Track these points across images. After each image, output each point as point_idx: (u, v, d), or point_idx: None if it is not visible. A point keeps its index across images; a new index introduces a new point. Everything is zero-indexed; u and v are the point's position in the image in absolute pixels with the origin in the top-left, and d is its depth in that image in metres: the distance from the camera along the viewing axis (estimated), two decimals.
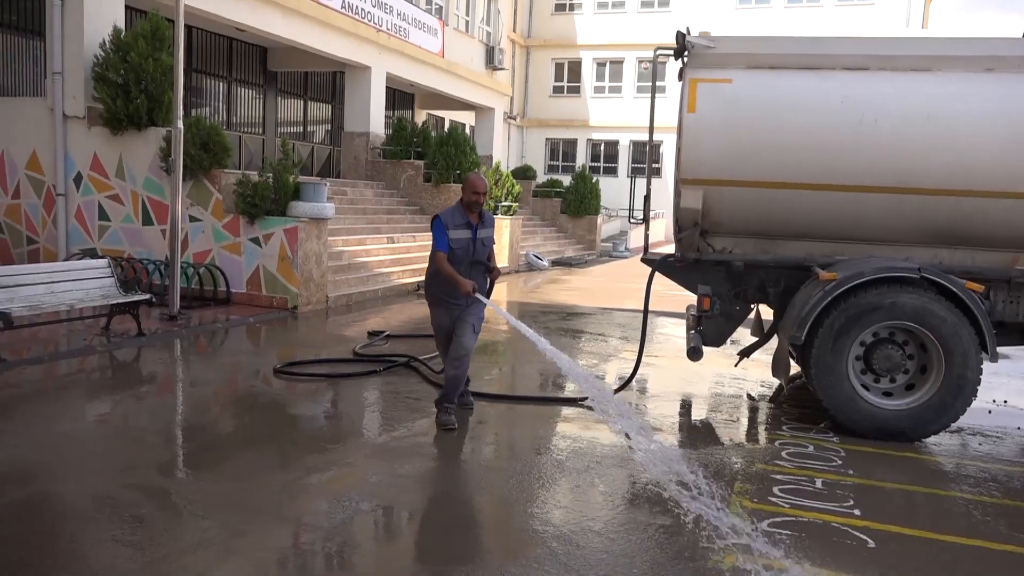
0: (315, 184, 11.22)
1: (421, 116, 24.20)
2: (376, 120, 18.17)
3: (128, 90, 10.79)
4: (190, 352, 8.42)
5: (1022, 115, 5.93)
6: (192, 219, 11.11)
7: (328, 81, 20.36)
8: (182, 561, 3.65)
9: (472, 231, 5.62)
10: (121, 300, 8.39)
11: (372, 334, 9.31)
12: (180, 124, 9.48)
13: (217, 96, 16.92)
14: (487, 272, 5.80)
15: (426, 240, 16.70)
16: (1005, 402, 7.18)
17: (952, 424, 5.90)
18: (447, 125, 24.78)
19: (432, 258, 5.66)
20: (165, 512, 4.18)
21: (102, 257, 9.48)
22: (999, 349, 5.96)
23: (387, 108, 19.62)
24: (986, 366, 5.86)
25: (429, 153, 17.82)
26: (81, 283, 8.24)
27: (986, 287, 5.98)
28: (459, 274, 5.53)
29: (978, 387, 5.80)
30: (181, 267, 9.92)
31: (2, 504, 4.26)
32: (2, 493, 4.41)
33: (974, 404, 5.92)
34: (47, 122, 11.45)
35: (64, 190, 11.55)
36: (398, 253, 14.75)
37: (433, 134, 18.72)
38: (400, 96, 22.70)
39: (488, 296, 5.91)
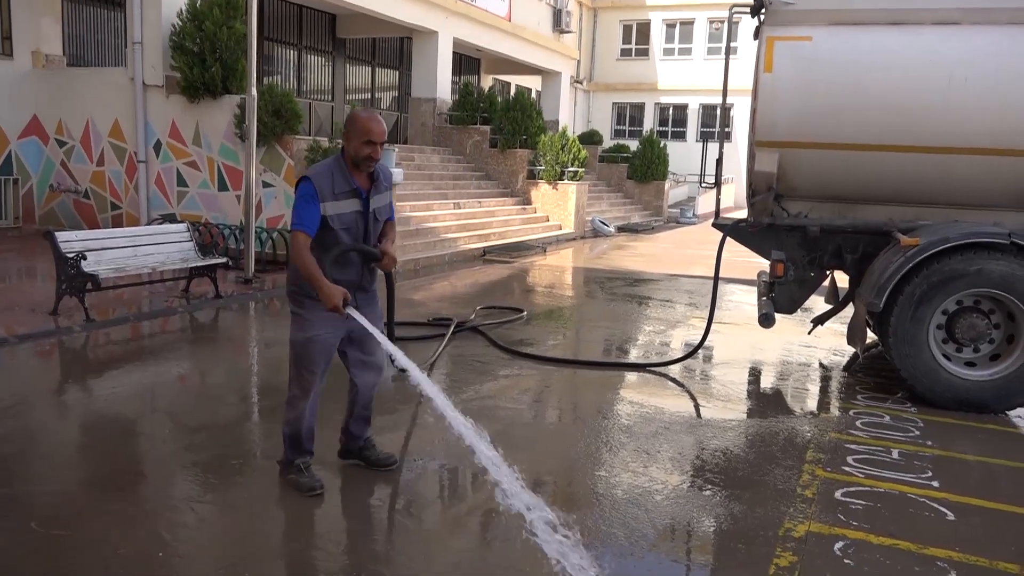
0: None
1: (487, 81, 24.10)
2: (443, 86, 18.17)
3: (204, 59, 11.04)
4: (264, 314, 8.66)
5: None
6: (265, 185, 11.37)
7: (395, 47, 20.43)
8: (259, 511, 3.80)
9: (363, 200, 3.74)
10: (199, 263, 8.67)
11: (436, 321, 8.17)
12: (254, 91, 9.65)
13: (288, 63, 17.18)
14: (374, 262, 3.83)
15: (494, 204, 16.88)
16: None
17: None
18: (513, 90, 24.61)
19: (291, 244, 3.68)
20: (244, 465, 4.33)
21: (181, 222, 9.80)
22: None
23: (454, 73, 19.58)
24: None
25: (495, 118, 17.76)
26: (162, 247, 8.54)
27: None
28: (340, 267, 3.69)
29: None
30: (255, 232, 10.18)
31: (96, 454, 4.50)
32: (96, 442, 4.66)
33: None
34: (128, 91, 11.83)
35: (145, 157, 11.95)
36: (464, 219, 14.82)
37: (499, 99, 18.63)
38: (466, 61, 22.63)
39: (392, 298, 4.19)
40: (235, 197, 11.47)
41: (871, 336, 6.57)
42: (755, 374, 6.90)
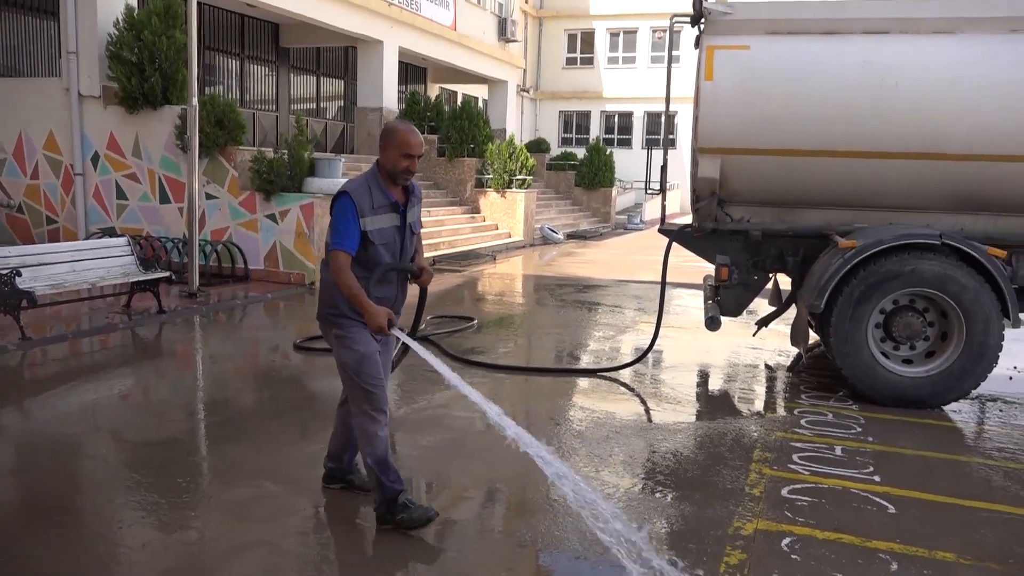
0: (330, 160, 11.23)
1: (434, 90, 24.07)
2: (389, 95, 18.09)
3: (143, 68, 10.80)
4: (210, 328, 8.50)
5: None
6: (209, 196, 11.16)
7: (340, 56, 20.27)
8: (210, 531, 3.72)
9: (400, 214, 3.65)
10: (141, 278, 8.47)
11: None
12: (195, 102, 9.49)
13: (230, 73, 16.90)
14: (413, 278, 3.82)
15: (442, 214, 16.84)
16: None
17: (972, 391, 5.87)
18: (460, 99, 24.64)
19: (327, 263, 3.57)
20: (189, 482, 4.24)
21: (121, 236, 9.55)
22: (1021, 315, 5.90)
23: (400, 83, 19.51)
24: (1008, 332, 5.81)
25: (443, 127, 17.76)
26: (102, 262, 8.32)
27: (1008, 253, 5.91)
28: (380, 284, 3.60)
29: (999, 354, 5.76)
30: (199, 245, 9.99)
31: (33, 476, 4.35)
32: (33, 464, 4.50)
33: (995, 371, 5.87)
34: (63, 102, 11.49)
35: (82, 169, 11.62)
36: None
37: (446, 108, 18.65)
38: (413, 70, 22.58)
39: (420, 316, 4.02)
40: (177, 210, 11.23)
41: (813, 336, 6.75)
42: (703, 376, 7.02)
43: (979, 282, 5.68)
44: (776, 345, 7.89)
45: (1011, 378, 6.79)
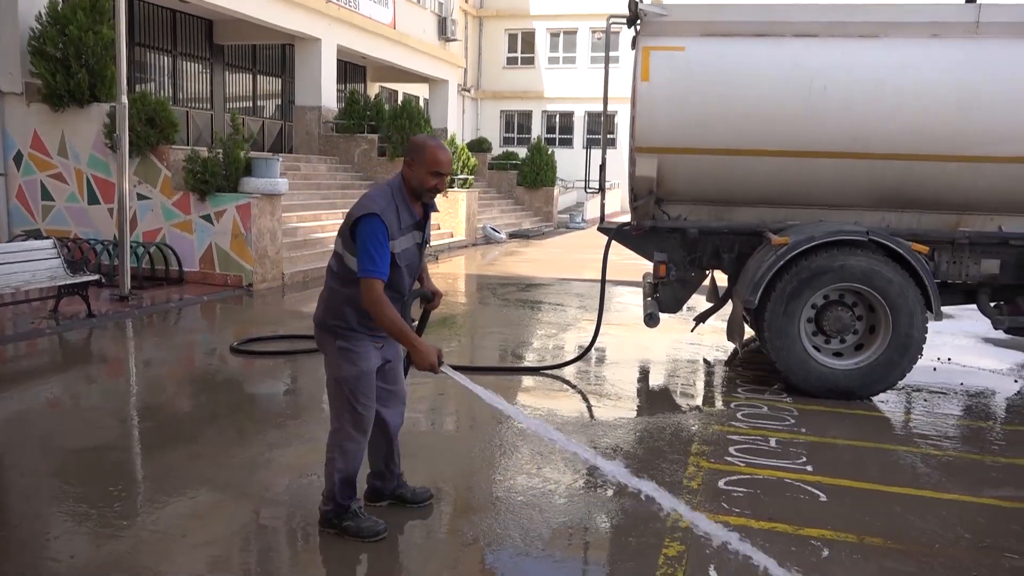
0: (267, 159, 11.02)
1: (374, 89, 23.86)
2: (328, 94, 17.86)
3: (68, 65, 10.43)
4: (143, 332, 8.26)
5: (968, 80, 6.07)
6: (140, 197, 10.84)
7: (277, 54, 19.93)
8: (144, 540, 3.62)
9: (422, 232, 3.55)
10: (69, 281, 8.18)
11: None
12: (124, 99, 9.21)
13: (162, 71, 16.45)
14: (424, 302, 3.69)
15: None
16: (949, 360, 7.43)
17: (899, 382, 6.09)
18: (400, 98, 24.47)
19: (342, 281, 3.43)
20: (123, 492, 4.12)
21: (47, 238, 9.21)
22: (943, 309, 6.15)
23: (339, 81, 19.27)
24: (931, 325, 6.05)
25: (383, 127, 17.61)
26: (26, 265, 8.01)
27: (931, 249, 6.15)
28: (404, 307, 3.43)
29: (923, 346, 5.99)
30: (131, 246, 9.70)
31: None
32: None
33: (920, 362, 6.11)
34: None
35: (4, 170, 11.17)
36: None
37: (387, 107, 18.49)
38: (352, 69, 22.33)
39: (421, 333, 3.67)
40: (107, 211, 10.88)
41: (749, 332, 6.92)
42: (643, 372, 7.12)
43: (904, 277, 5.90)
44: (714, 340, 8.06)
45: (935, 369, 7.07)
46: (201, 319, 9.16)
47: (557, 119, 31.72)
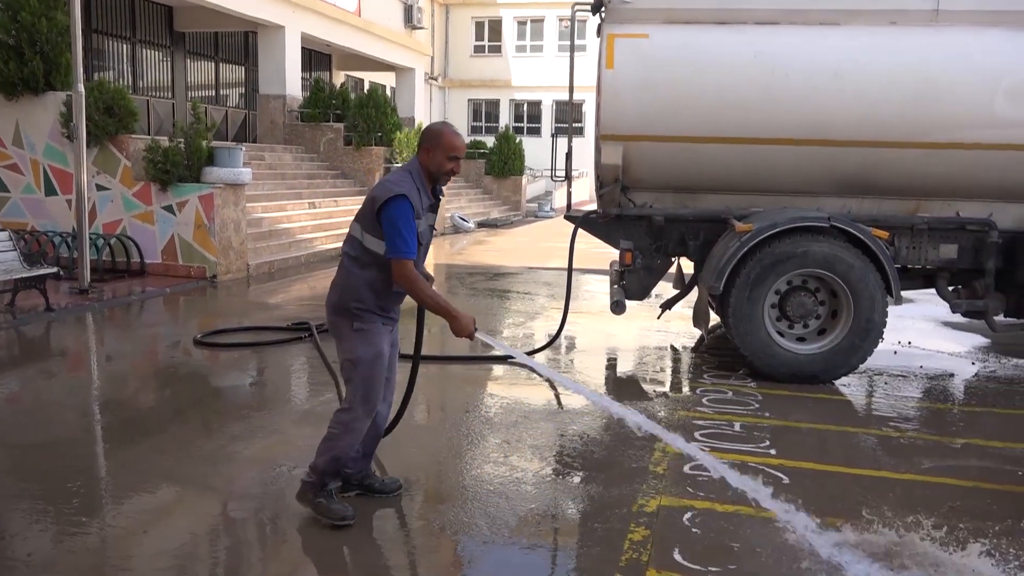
0: (230, 148, 10.86)
1: (340, 77, 23.60)
2: (292, 82, 17.63)
3: (22, 52, 10.17)
4: (104, 325, 8.11)
5: (925, 67, 6.15)
6: (99, 188, 10.62)
7: (240, 42, 19.60)
8: (104, 537, 3.56)
9: (435, 214, 3.72)
10: (26, 275, 8.00)
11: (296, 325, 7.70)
12: (81, 87, 9.00)
13: (121, 58, 16.10)
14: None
15: (350, 203, 16.50)
16: (909, 343, 7.57)
17: (861, 365, 6.19)
18: (367, 86, 24.24)
19: (347, 254, 3.57)
20: (83, 488, 4.04)
21: (2, 230, 8.99)
22: (903, 293, 6.27)
23: (304, 69, 19.03)
24: (891, 309, 6.15)
25: (349, 115, 17.42)
26: None
27: (891, 234, 6.25)
28: (400, 292, 3.59)
29: (884, 330, 6.09)
30: (90, 238, 9.51)
31: None
32: None
33: (881, 346, 6.22)
34: None
35: None
36: (320, 218, 14.47)
37: (353, 96, 18.30)
38: (317, 57, 22.06)
39: (422, 326, 4.29)
40: (66, 202, 10.64)
41: (714, 318, 6.98)
42: (611, 360, 7.16)
43: (864, 262, 5.99)
44: (680, 327, 8.12)
45: (896, 352, 7.20)
46: (164, 311, 9.02)
47: (525, 108, 31.66)
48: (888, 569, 3.23)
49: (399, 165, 17.93)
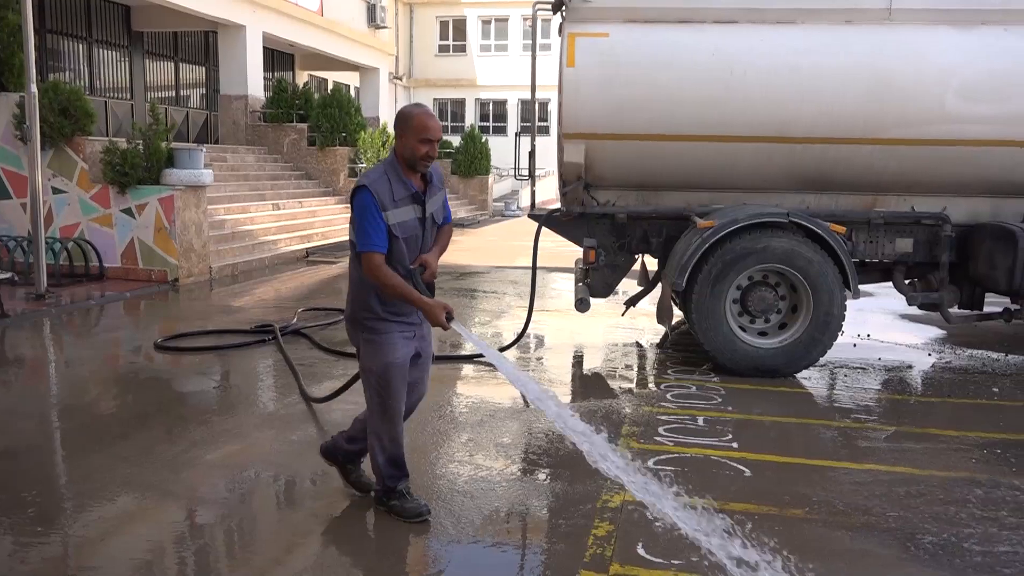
0: (190, 150, 10.71)
1: (303, 77, 23.39)
2: (254, 82, 17.43)
3: None
4: (62, 331, 7.95)
5: (879, 65, 6.27)
6: (56, 191, 10.42)
7: (200, 41, 19.33)
8: (62, 546, 3.49)
9: (421, 205, 3.46)
10: None
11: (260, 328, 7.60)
12: (34, 88, 8.80)
13: (77, 59, 15.78)
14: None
15: (315, 204, 16.39)
16: (868, 336, 7.71)
17: (821, 358, 6.29)
18: (331, 86, 24.05)
19: (361, 268, 3.37)
20: (39, 497, 3.96)
21: None
22: (862, 287, 6.38)
23: (266, 69, 18.83)
24: (851, 303, 6.27)
25: (313, 116, 17.30)
26: None
27: (848, 229, 6.36)
28: (414, 280, 3.41)
29: (843, 323, 6.20)
30: (47, 242, 9.31)
31: None
32: None
33: (841, 339, 6.33)
34: None
35: None
36: (284, 220, 14.35)
37: (316, 96, 18.16)
38: (279, 57, 21.84)
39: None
40: (20, 205, 10.41)
41: (678, 314, 7.05)
42: (577, 357, 7.19)
43: (823, 256, 6.09)
44: (645, 324, 8.19)
45: (855, 345, 7.33)
46: (124, 316, 8.87)
47: (491, 107, 31.64)
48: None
49: (363, 166, 17.84)
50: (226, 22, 16.63)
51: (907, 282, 6.77)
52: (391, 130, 18.56)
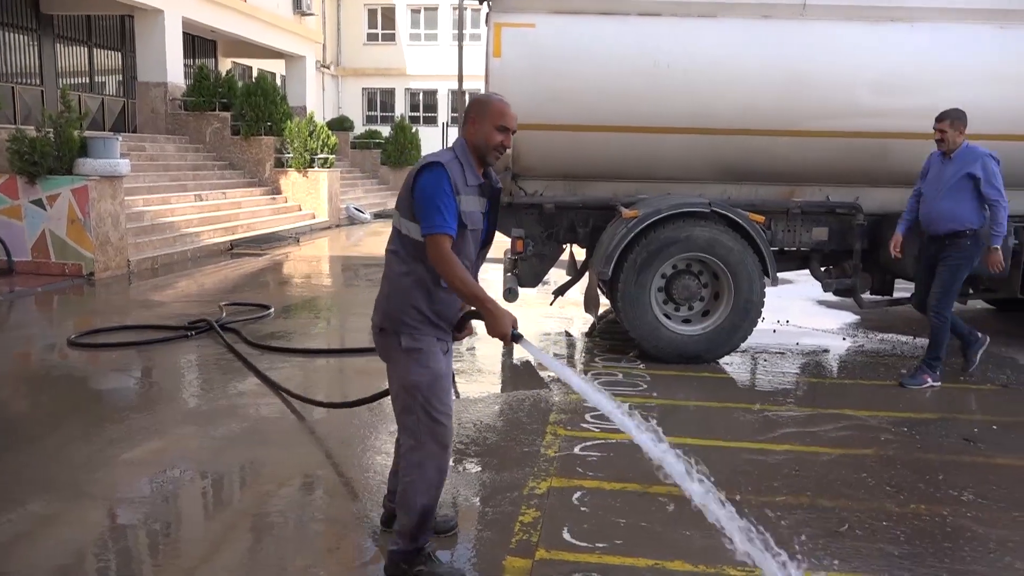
0: (105, 139, 10.31)
1: (226, 65, 22.76)
2: (174, 69, 16.86)
3: None
4: None
5: (794, 59, 6.47)
6: None
7: (116, 26, 18.59)
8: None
9: (487, 199, 3.12)
10: None
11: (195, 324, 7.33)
12: None
13: None
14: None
15: (240, 195, 15.99)
16: (787, 322, 7.98)
17: (742, 344, 6.49)
18: (255, 74, 23.45)
19: (409, 259, 3.03)
20: None
21: None
22: (781, 274, 6.60)
23: (187, 56, 18.23)
24: (770, 290, 6.47)
25: (236, 104, 16.84)
26: None
27: (767, 218, 6.56)
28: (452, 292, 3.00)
29: (762, 309, 6.39)
30: None
31: None
32: None
33: (761, 325, 6.53)
34: None
35: None
36: (207, 211, 13.96)
37: (240, 84, 17.69)
38: (201, 43, 21.18)
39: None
40: None
41: (605, 302, 7.15)
42: (507, 347, 7.21)
43: (743, 245, 6.26)
44: (573, 313, 8.28)
45: (775, 331, 7.57)
46: (36, 312, 8.50)
47: (421, 97, 31.39)
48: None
49: (291, 156, 17.48)
50: (143, 5, 16.04)
51: (823, 269, 7.03)
52: (319, 119, 18.28)
